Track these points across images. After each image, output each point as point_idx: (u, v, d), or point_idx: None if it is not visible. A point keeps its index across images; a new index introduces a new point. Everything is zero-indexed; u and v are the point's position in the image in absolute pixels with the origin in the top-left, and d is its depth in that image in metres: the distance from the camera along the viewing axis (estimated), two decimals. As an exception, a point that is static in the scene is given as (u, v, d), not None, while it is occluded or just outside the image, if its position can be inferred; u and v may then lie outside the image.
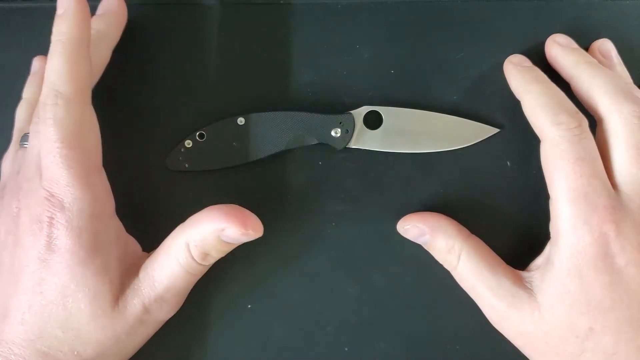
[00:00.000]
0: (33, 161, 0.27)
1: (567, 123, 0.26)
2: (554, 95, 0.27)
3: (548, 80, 0.28)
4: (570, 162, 0.26)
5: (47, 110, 0.25)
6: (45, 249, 0.25)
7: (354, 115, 0.30)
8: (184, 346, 0.30)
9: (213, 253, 0.27)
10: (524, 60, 0.30)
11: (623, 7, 0.32)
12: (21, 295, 0.25)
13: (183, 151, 0.30)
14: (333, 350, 0.30)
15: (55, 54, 0.26)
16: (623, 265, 0.24)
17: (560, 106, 0.27)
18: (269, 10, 0.32)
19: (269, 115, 0.30)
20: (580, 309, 0.25)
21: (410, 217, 0.29)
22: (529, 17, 0.31)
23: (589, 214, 0.25)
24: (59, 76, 0.26)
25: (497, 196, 0.31)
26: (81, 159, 0.25)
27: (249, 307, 0.30)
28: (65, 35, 0.26)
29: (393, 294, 0.30)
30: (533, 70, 0.29)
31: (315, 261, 0.30)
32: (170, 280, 0.26)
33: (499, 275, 0.27)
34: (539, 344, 0.26)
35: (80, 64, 0.26)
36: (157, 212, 0.30)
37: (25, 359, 0.25)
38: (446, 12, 0.32)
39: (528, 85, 0.28)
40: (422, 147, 0.31)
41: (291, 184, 0.31)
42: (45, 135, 0.25)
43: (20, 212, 0.26)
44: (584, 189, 0.25)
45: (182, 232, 0.26)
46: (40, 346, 0.25)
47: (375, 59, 0.32)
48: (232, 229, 0.25)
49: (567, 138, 0.26)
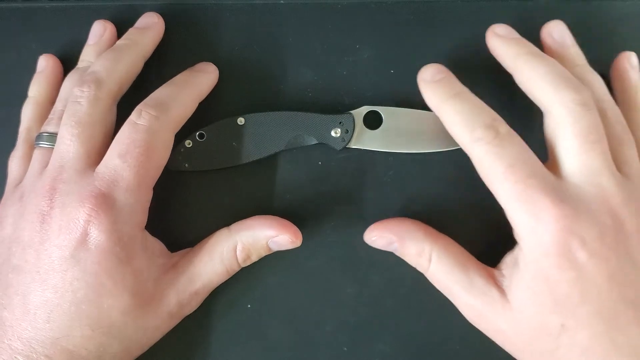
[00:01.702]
0: (72, 162, 0.27)
1: (484, 137, 0.26)
2: (470, 108, 0.27)
3: (466, 91, 0.28)
4: (502, 173, 0.25)
5: (143, 117, 0.27)
6: (81, 247, 0.25)
7: (354, 115, 0.30)
8: (184, 346, 0.30)
9: (254, 257, 0.29)
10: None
11: (623, 7, 0.32)
12: (49, 293, 0.25)
13: (183, 151, 0.30)
14: (332, 350, 0.30)
15: (175, 84, 0.29)
16: (586, 258, 0.24)
17: (475, 120, 0.26)
18: (269, 10, 0.32)
19: (269, 115, 0.30)
20: (549, 307, 0.25)
21: (375, 226, 0.29)
22: (529, 17, 0.31)
23: (539, 215, 0.24)
24: (173, 99, 0.28)
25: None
26: (149, 171, 0.27)
27: (248, 307, 0.30)
28: (190, 77, 0.30)
29: (392, 294, 0.30)
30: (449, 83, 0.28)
31: (314, 261, 0.31)
32: (209, 277, 0.28)
33: (471, 274, 0.27)
34: (515, 342, 0.26)
35: (193, 101, 0.29)
36: (157, 212, 0.30)
37: (49, 357, 0.25)
38: (446, 12, 0.32)
39: (444, 101, 0.27)
40: (422, 147, 0.31)
41: (291, 184, 0.31)
42: (130, 137, 0.26)
43: (52, 211, 0.26)
44: (525, 193, 0.25)
45: (231, 235, 0.28)
46: (65, 344, 0.25)
47: (375, 59, 0.32)
48: (284, 237, 0.28)
49: (490, 151, 0.25)
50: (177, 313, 0.28)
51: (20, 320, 0.25)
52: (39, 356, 0.25)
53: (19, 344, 0.25)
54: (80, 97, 0.27)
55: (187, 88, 0.29)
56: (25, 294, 0.26)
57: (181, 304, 0.28)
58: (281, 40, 0.32)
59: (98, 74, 0.28)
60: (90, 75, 0.28)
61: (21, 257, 0.26)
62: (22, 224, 0.27)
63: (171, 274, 0.28)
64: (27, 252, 0.26)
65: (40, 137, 0.29)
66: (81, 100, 0.27)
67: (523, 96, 0.28)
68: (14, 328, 0.25)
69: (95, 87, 0.28)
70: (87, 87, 0.27)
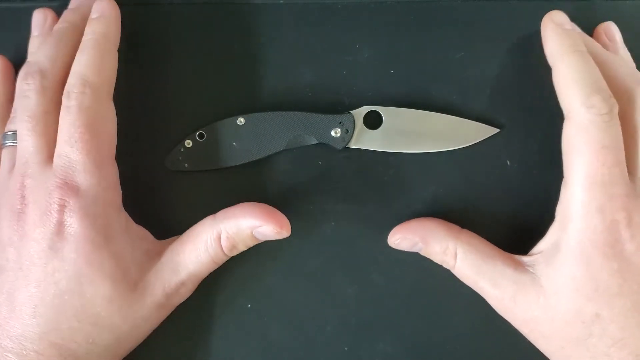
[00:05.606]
0: (33, 156, 0.27)
1: (599, 107, 0.25)
2: (591, 72, 0.26)
3: (587, 52, 0.27)
4: (596, 150, 0.25)
5: (72, 98, 0.26)
6: (57, 238, 0.25)
7: (354, 115, 0.30)
8: (184, 346, 0.30)
9: (240, 246, 0.28)
10: (566, 20, 0.28)
11: (623, 7, 0.32)
12: (32, 288, 0.25)
13: (183, 151, 0.30)
14: (333, 350, 0.30)
15: (86, 49, 0.28)
16: (632, 252, 0.25)
17: (595, 86, 0.26)
18: (269, 10, 0.32)
19: (269, 115, 0.30)
20: (587, 294, 0.25)
21: (398, 229, 0.29)
22: (529, 17, 0.31)
23: (603, 202, 0.25)
24: (89, 68, 0.27)
25: (497, 196, 0.31)
26: (100, 147, 0.27)
27: (248, 307, 0.30)
28: (98, 34, 0.28)
29: (393, 293, 0.30)
30: (573, 37, 0.28)
31: (315, 261, 0.31)
32: (195, 267, 0.27)
33: (499, 265, 0.27)
34: (544, 329, 0.26)
35: (109, 59, 0.28)
36: (157, 211, 0.30)
37: (38, 352, 0.25)
38: (446, 12, 0.32)
39: (566, 54, 0.27)
40: (422, 147, 0.31)
41: (291, 184, 0.31)
42: (68, 121, 0.26)
43: (26, 208, 0.26)
44: (603, 178, 0.25)
45: (215, 223, 0.27)
46: (54, 338, 0.25)
47: (375, 59, 0.32)
48: (268, 227, 0.27)
49: (597, 124, 0.25)
50: (166, 303, 0.28)
51: (7, 318, 0.25)
52: (29, 353, 0.25)
53: (9, 342, 0.25)
54: (27, 90, 0.27)
55: (98, 47, 0.28)
56: (10, 291, 0.26)
57: (168, 294, 0.27)
58: (281, 40, 0.32)
59: (41, 64, 0.28)
60: (34, 66, 0.28)
61: (2, 257, 0.26)
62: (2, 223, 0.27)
63: (156, 261, 0.27)
64: (7, 251, 0.26)
65: (5, 136, 0.29)
66: (29, 93, 0.27)
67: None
68: (2, 327, 0.25)
69: (40, 77, 0.27)
70: (31, 78, 0.27)
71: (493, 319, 0.28)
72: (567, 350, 0.26)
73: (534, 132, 0.30)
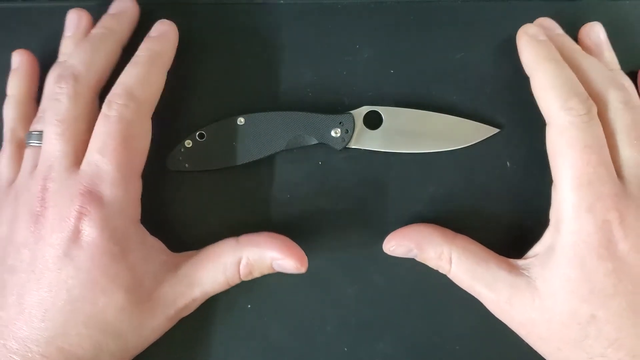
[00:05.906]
0: (59, 161, 0.27)
1: (577, 109, 0.26)
2: (567, 77, 0.27)
3: (561, 59, 0.28)
4: (578, 150, 0.25)
5: (113, 108, 0.26)
6: (74, 245, 0.25)
7: (354, 115, 0.30)
8: (184, 346, 0.30)
9: (256, 273, 0.28)
10: (539, 33, 0.29)
11: (623, 7, 0.32)
12: (44, 292, 0.25)
13: (183, 151, 0.30)
14: (333, 350, 0.30)
15: (139, 64, 0.28)
16: (626, 252, 0.25)
17: (572, 90, 0.26)
18: (269, 10, 0.32)
19: (269, 115, 0.30)
20: (582, 296, 0.25)
21: (392, 236, 0.29)
22: (529, 17, 0.31)
23: (593, 202, 0.25)
24: (137, 82, 0.27)
25: (497, 196, 0.31)
26: (131, 162, 0.27)
27: (248, 307, 0.30)
28: (154, 52, 0.29)
29: (393, 293, 0.30)
30: (547, 46, 0.28)
31: (314, 261, 0.30)
32: (210, 286, 0.28)
33: (493, 269, 0.27)
34: (541, 331, 0.26)
35: (158, 79, 0.29)
36: (157, 212, 0.30)
37: (44, 356, 0.25)
38: (446, 12, 0.32)
39: (540, 63, 0.28)
40: (422, 147, 0.31)
41: (291, 184, 0.31)
42: (104, 130, 0.26)
43: (45, 211, 0.26)
44: (589, 177, 0.25)
45: (238, 247, 0.28)
46: (61, 343, 0.25)
47: (375, 59, 0.32)
48: (289, 262, 0.27)
49: (576, 124, 0.26)
50: (174, 316, 0.28)
51: (15, 319, 0.25)
52: (34, 355, 0.25)
53: (14, 344, 0.25)
54: (59, 94, 0.27)
55: (152, 65, 0.28)
56: (21, 293, 0.25)
57: (179, 307, 0.27)
58: (281, 40, 0.32)
59: (75, 68, 0.28)
60: (68, 70, 0.28)
61: (16, 257, 0.26)
62: (16, 224, 0.27)
63: (172, 275, 0.27)
64: (21, 252, 0.26)
65: (30, 136, 0.29)
66: (61, 97, 0.27)
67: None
68: (9, 328, 0.25)
69: (74, 82, 0.27)
70: (64, 83, 0.27)
71: (492, 319, 0.28)
72: (564, 351, 0.26)
73: (534, 132, 0.30)
